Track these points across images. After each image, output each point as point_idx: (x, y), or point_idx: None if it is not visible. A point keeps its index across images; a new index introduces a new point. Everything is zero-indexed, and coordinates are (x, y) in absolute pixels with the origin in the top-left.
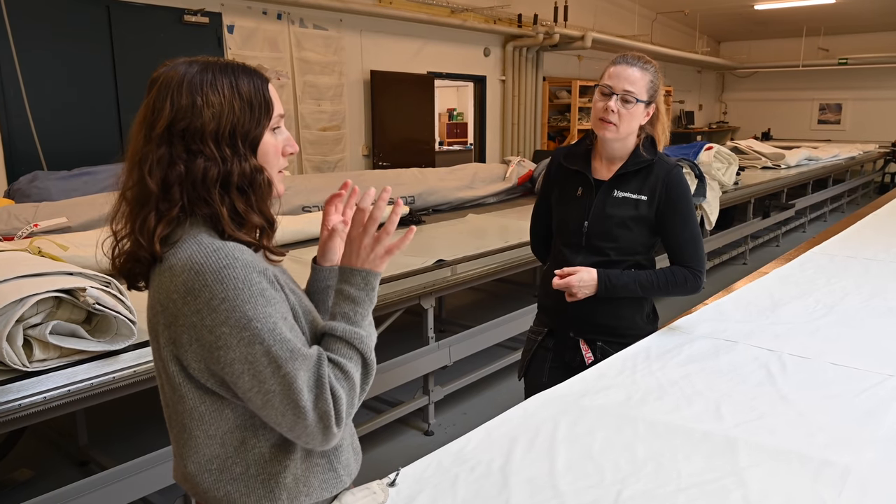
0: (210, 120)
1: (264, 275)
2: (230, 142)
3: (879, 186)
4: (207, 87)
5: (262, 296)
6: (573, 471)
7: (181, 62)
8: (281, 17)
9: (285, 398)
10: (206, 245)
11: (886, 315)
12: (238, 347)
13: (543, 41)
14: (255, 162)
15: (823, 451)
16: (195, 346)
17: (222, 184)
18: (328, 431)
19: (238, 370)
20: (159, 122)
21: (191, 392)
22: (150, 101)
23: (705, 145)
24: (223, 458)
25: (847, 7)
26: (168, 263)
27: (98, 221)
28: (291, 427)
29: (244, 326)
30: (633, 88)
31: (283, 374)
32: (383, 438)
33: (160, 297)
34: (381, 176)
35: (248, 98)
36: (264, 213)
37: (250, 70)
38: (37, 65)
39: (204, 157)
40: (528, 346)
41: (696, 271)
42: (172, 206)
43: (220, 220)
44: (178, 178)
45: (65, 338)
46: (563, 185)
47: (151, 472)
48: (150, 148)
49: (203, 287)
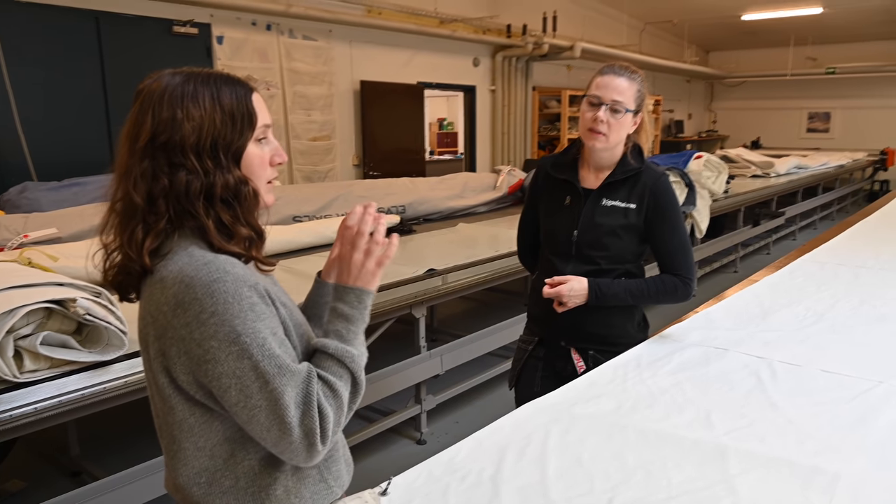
0: (190, 133)
1: (255, 289)
2: (212, 154)
3: (868, 194)
4: (188, 100)
5: (251, 310)
6: (564, 479)
7: (166, 73)
8: (270, 28)
9: (271, 414)
10: (197, 258)
11: (876, 322)
12: (226, 362)
13: (533, 51)
14: (239, 173)
15: (813, 459)
16: (183, 358)
17: (206, 196)
18: (312, 448)
19: (225, 384)
20: (142, 135)
21: (180, 404)
22: (134, 113)
23: (695, 154)
24: (212, 471)
25: (834, 17)
26: (159, 275)
27: (88, 232)
28: (276, 442)
29: (233, 341)
30: (622, 98)
31: (271, 390)
32: (375, 447)
33: (150, 308)
34: (372, 185)
35: (230, 109)
36: (251, 225)
37: (234, 80)
38: (26, 75)
39: (185, 170)
40: (519, 356)
41: (686, 279)
42: (159, 219)
43: (208, 232)
44: (162, 191)
45: (55, 348)
46: (550, 195)
47: (143, 482)
48: (134, 161)
49: (193, 300)
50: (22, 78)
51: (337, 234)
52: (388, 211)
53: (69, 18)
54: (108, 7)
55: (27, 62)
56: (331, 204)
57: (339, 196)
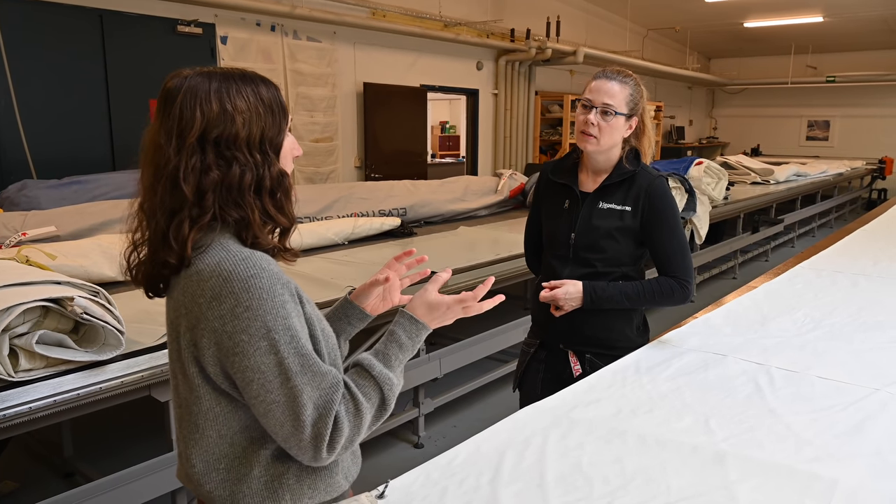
0: (242, 126)
1: (287, 287)
2: (260, 147)
3: (867, 202)
4: (234, 95)
5: (283, 307)
6: (562, 484)
7: (193, 72)
8: (274, 29)
9: (287, 409)
10: (234, 253)
11: (874, 329)
12: (254, 356)
13: (536, 56)
14: (280, 166)
15: (811, 465)
16: (214, 349)
17: (255, 188)
18: (318, 453)
19: (249, 377)
20: (191, 130)
21: (208, 393)
22: (176, 111)
23: (695, 160)
24: (231, 458)
25: (835, 26)
26: (195, 268)
27: (87, 231)
28: (286, 438)
29: (263, 336)
30: (612, 101)
31: (291, 387)
32: (373, 450)
33: (185, 300)
34: (374, 188)
35: (270, 103)
36: (289, 215)
37: (264, 77)
38: (28, 73)
39: (238, 163)
40: (522, 358)
41: (684, 281)
42: (205, 213)
43: (250, 224)
44: (212, 184)
45: (51, 347)
46: (551, 199)
47: (137, 483)
48: (181, 157)
49: (229, 294)
50: (24, 75)
51: (388, 263)
52: (389, 213)
53: (73, 16)
54: (113, 6)
55: (30, 59)
56: (332, 206)
57: (341, 198)
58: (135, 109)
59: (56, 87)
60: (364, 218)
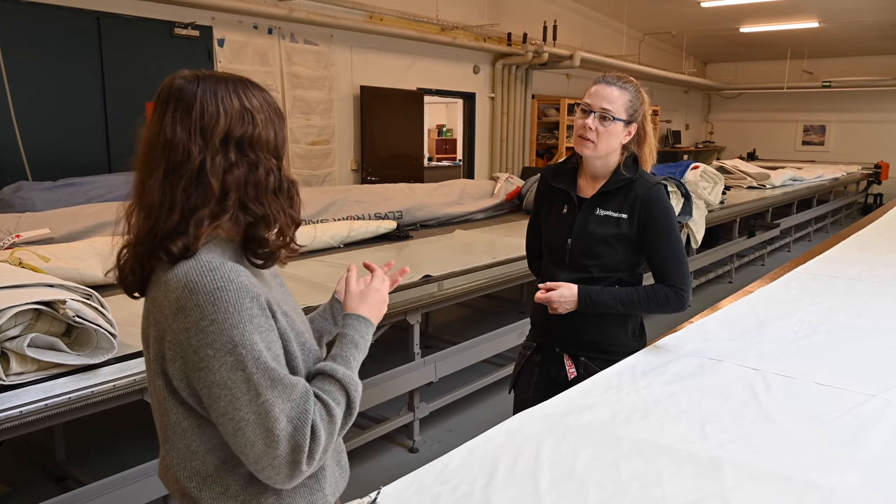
0: (262, 128)
1: (256, 300)
2: (274, 151)
3: (862, 207)
4: (251, 97)
5: (251, 322)
6: (557, 491)
7: (203, 74)
8: (272, 32)
9: (259, 426)
10: (203, 263)
11: (870, 335)
12: (219, 371)
13: (532, 59)
14: (286, 171)
15: (807, 473)
16: (179, 362)
17: (275, 190)
18: (296, 466)
19: (216, 393)
20: (215, 128)
21: (174, 407)
22: (197, 107)
23: (692, 164)
24: (203, 476)
25: (831, 31)
26: (164, 277)
27: (82, 233)
28: (258, 458)
29: (229, 351)
30: (611, 107)
31: (261, 403)
32: (367, 455)
33: (153, 309)
34: (369, 191)
35: (276, 109)
36: (298, 216)
37: (254, 82)
38: (24, 74)
39: (262, 164)
40: (519, 360)
41: (679, 290)
42: (224, 213)
43: (271, 223)
44: (236, 183)
45: (43, 351)
46: (551, 203)
47: (130, 488)
48: (206, 154)
49: (194, 306)
50: (20, 77)
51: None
52: (385, 216)
53: (70, 18)
54: (110, 8)
55: (26, 61)
56: (327, 208)
57: (336, 201)
58: (131, 112)
59: (52, 89)
60: (360, 221)
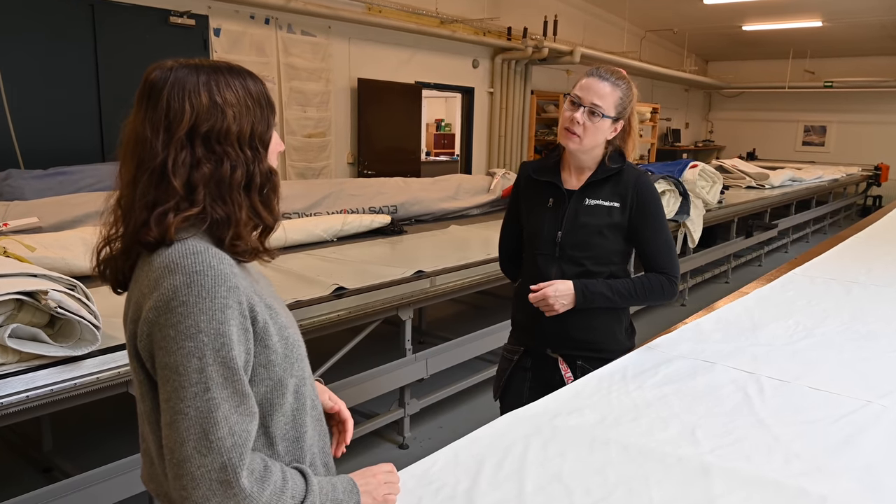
0: (233, 121)
1: (234, 293)
2: (250, 143)
3: (861, 209)
4: (224, 88)
5: (222, 311)
6: (542, 494)
7: (180, 64)
8: (268, 22)
9: (196, 425)
10: (188, 246)
11: (867, 339)
12: (176, 353)
13: (532, 55)
14: (269, 163)
15: (799, 480)
16: (146, 341)
17: (245, 185)
18: (221, 489)
19: (165, 376)
20: (179, 124)
21: (148, 392)
22: (163, 103)
23: (690, 163)
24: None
25: (833, 31)
26: (148, 259)
27: (70, 223)
28: (181, 461)
29: (191, 336)
30: (602, 103)
31: (207, 399)
32: (356, 451)
33: (135, 291)
34: (364, 184)
35: (258, 98)
36: (276, 212)
37: (250, 71)
38: (17, 62)
39: (229, 158)
40: (504, 366)
41: (672, 277)
42: (193, 206)
43: (235, 222)
44: (203, 179)
45: (25, 342)
46: (532, 198)
47: (116, 480)
48: (169, 151)
49: (170, 286)
50: (13, 64)
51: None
52: (380, 210)
53: (64, 6)
54: None
55: (19, 48)
56: (321, 202)
57: (331, 194)
58: (125, 101)
59: (46, 78)
60: (354, 215)
